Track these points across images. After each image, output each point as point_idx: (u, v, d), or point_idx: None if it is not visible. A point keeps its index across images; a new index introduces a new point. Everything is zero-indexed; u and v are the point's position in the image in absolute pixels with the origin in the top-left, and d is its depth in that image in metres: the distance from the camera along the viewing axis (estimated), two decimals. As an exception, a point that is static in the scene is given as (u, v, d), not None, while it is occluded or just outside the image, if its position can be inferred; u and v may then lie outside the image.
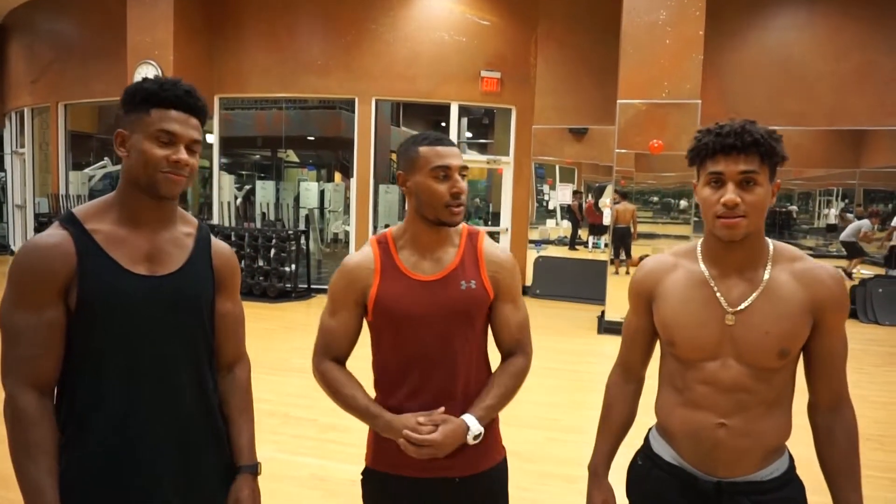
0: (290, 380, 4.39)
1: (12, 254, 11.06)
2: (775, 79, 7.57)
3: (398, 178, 1.38)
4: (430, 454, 1.28)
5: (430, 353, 1.35)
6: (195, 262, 1.26)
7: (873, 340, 6.42)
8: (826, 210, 8.44)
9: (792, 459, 1.30)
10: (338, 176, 12.93)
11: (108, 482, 1.18)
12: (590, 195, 8.94)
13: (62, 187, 9.60)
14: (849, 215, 8.19)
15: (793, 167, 8.22)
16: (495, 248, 1.45)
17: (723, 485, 1.23)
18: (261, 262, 7.78)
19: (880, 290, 7.32)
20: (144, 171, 1.16)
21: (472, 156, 9.21)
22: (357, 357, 1.49)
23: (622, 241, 6.83)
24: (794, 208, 8.59)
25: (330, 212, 10.57)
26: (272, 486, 1.42)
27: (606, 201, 8.24)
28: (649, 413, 1.43)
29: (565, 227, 9.12)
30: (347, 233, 8.80)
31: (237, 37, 8.20)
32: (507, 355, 1.46)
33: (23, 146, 10.59)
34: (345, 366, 1.44)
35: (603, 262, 6.92)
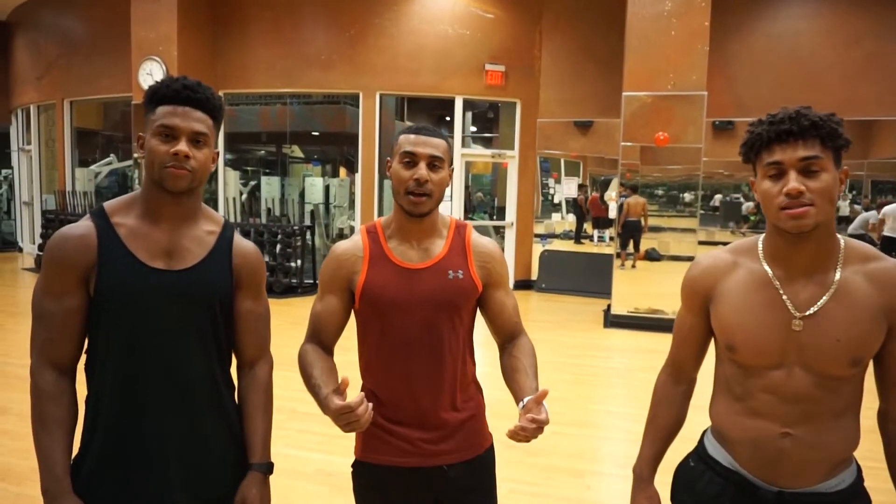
0: (297, 375, 4.40)
1: (20, 251, 11.13)
2: (782, 69, 7.50)
3: (386, 165, 1.42)
4: (535, 435, 1.20)
5: (416, 341, 1.36)
6: (213, 259, 1.27)
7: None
8: (838, 202, 8.38)
9: (860, 470, 1.23)
10: (343, 171, 12.92)
11: (117, 468, 1.20)
12: (595, 189, 8.90)
13: (69, 184, 9.64)
14: (856, 207, 8.13)
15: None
16: (483, 239, 1.47)
17: (785, 495, 1.16)
18: (266, 258, 7.80)
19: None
20: (152, 168, 1.19)
21: (477, 150, 9.18)
22: (345, 349, 1.49)
23: (633, 234, 6.80)
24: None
25: (335, 207, 10.57)
26: (279, 481, 1.43)
27: (612, 194, 8.21)
28: (696, 412, 1.37)
29: (570, 220, 9.09)
30: (353, 228, 8.80)
31: (241, 32, 8.19)
32: (509, 338, 1.47)
33: (29, 143, 10.63)
34: (330, 352, 1.44)
35: (608, 255, 6.90)
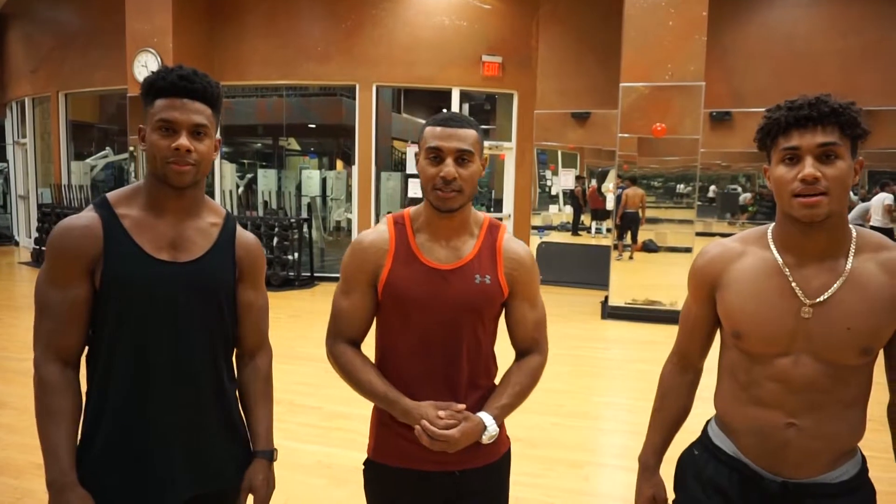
0: (295, 368, 4.42)
1: (17, 244, 11.09)
2: (780, 59, 7.48)
3: (415, 158, 1.34)
4: (441, 448, 1.26)
5: (435, 342, 1.31)
6: (217, 250, 1.28)
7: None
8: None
9: (864, 461, 1.22)
10: (339, 164, 12.89)
11: (121, 459, 1.21)
12: (593, 180, 8.90)
13: (64, 177, 9.60)
14: (854, 197, 8.15)
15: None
16: (515, 243, 1.39)
17: (789, 485, 1.16)
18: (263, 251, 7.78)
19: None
20: (154, 163, 1.19)
21: (475, 141, 9.14)
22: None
23: (631, 226, 6.80)
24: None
25: (332, 200, 10.56)
26: (278, 473, 1.43)
27: (609, 186, 8.20)
28: (701, 402, 1.38)
29: (568, 212, 9.09)
30: (350, 220, 8.78)
31: (237, 23, 8.13)
32: (522, 353, 1.42)
33: (24, 136, 10.57)
34: (360, 349, 1.40)
35: (606, 247, 6.91)
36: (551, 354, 1.44)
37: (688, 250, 6.50)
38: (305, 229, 8.10)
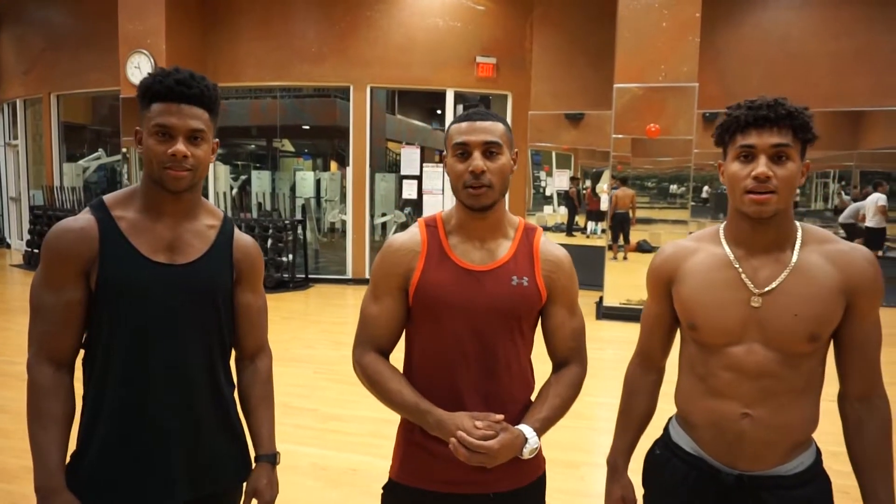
0: (290, 370, 4.40)
1: (9, 247, 11.02)
2: (773, 60, 7.52)
3: (443, 160, 1.29)
4: (480, 462, 1.15)
5: (468, 352, 1.23)
6: (215, 253, 1.27)
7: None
8: (838, 191, 8.44)
9: (819, 453, 1.25)
10: (334, 165, 12.88)
11: (119, 462, 1.20)
12: (587, 181, 8.92)
13: (56, 179, 9.54)
14: (846, 197, 8.20)
15: (790, 150, 8.19)
16: (553, 246, 1.33)
17: (745, 478, 1.18)
18: (258, 253, 7.76)
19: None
20: (151, 167, 1.18)
21: (469, 142, 9.15)
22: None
23: (621, 226, 6.82)
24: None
25: (326, 201, 10.55)
26: (273, 476, 1.42)
27: (604, 187, 8.22)
28: (668, 402, 1.39)
29: (562, 213, 9.10)
30: (344, 222, 8.77)
31: (231, 24, 8.11)
32: (561, 363, 1.35)
33: (16, 138, 10.50)
34: (388, 358, 1.31)
35: (600, 247, 6.92)
36: (546, 355, 1.41)
37: (682, 251, 6.50)
38: (300, 231, 8.08)
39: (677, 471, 1.27)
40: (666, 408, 1.42)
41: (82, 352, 1.24)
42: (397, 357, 1.36)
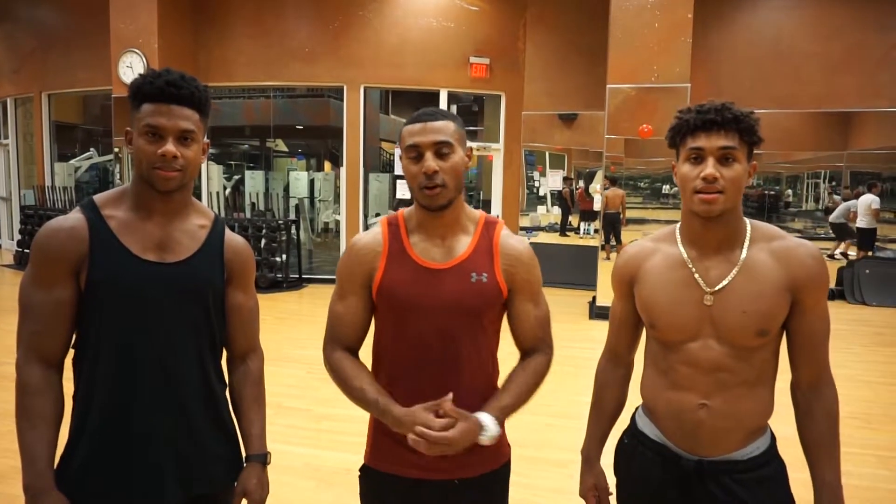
0: (283, 370, 4.39)
1: (-1, 247, 10.94)
2: (764, 61, 7.57)
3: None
4: (441, 452, 1.18)
5: (431, 348, 1.26)
6: (205, 252, 1.27)
7: (860, 321, 6.50)
8: (827, 191, 8.49)
9: (773, 438, 1.31)
10: (327, 165, 12.86)
11: (109, 462, 1.20)
12: (580, 181, 8.95)
13: (48, 179, 9.48)
14: (836, 197, 8.25)
15: (781, 150, 8.25)
16: (513, 239, 1.33)
17: (704, 464, 1.25)
18: (251, 253, 7.74)
19: (867, 270, 7.40)
20: (141, 167, 1.18)
21: (462, 143, 9.16)
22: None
23: (612, 226, 6.85)
24: (787, 191, 8.64)
25: (320, 201, 10.54)
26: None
27: (597, 187, 8.25)
28: (637, 394, 1.44)
29: (556, 213, 9.13)
30: (338, 222, 8.76)
31: (223, 24, 8.08)
32: (526, 353, 1.38)
33: (6, 137, 10.43)
34: (357, 355, 1.34)
35: (593, 247, 6.95)
36: (513, 347, 1.42)
37: (674, 250, 6.54)
38: (293, 231, 8.06)
39: (645, 459, 1.34)
40: (636, 399, 1.47)
41: (72, 351, 1.23)
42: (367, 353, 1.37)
